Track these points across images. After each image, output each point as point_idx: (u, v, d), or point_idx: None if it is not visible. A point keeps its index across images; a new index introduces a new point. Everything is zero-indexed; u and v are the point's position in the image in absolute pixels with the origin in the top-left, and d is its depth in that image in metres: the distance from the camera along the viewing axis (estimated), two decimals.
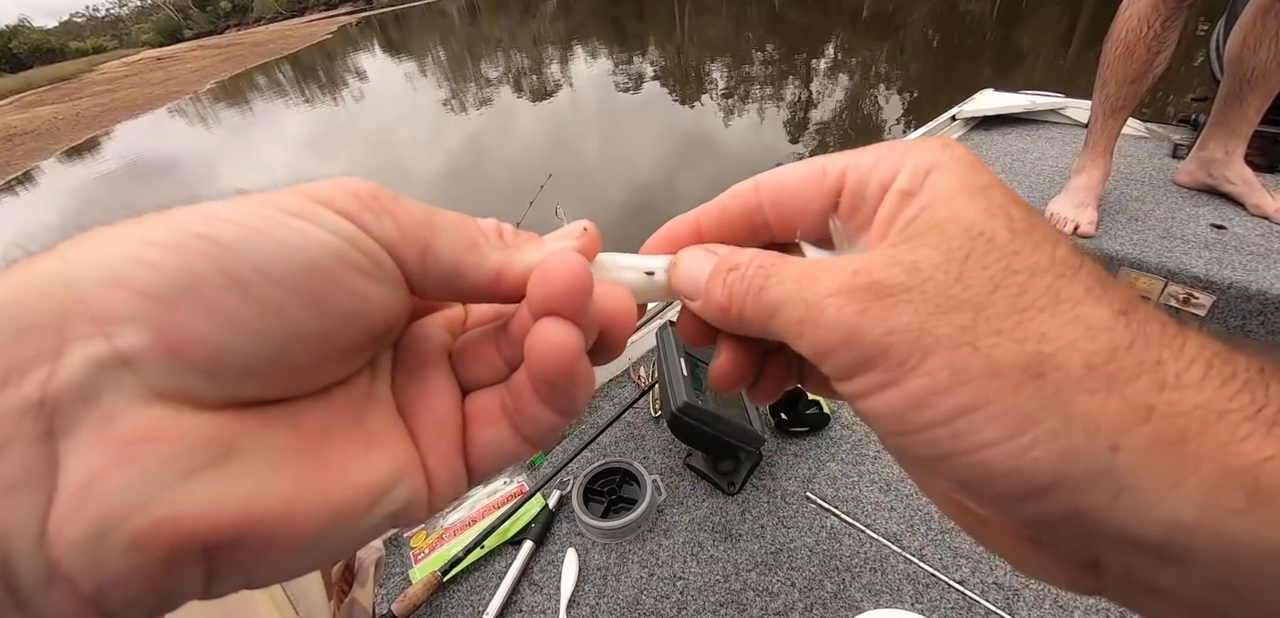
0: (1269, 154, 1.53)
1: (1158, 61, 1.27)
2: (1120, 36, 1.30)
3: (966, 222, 0.15)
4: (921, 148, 0.17)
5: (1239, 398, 0.13)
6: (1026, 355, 0.13)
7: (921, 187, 0.16)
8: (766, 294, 0.17)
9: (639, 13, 18.62)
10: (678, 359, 0.96)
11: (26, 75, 45.00)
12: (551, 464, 1.07)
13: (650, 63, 10.48)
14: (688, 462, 1.07)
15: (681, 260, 0.20)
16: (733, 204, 0.21)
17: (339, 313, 0.14)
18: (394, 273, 0.15)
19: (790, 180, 0.20)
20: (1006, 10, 10.11)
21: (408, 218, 0.15)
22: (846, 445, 1.05)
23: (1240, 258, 1.23)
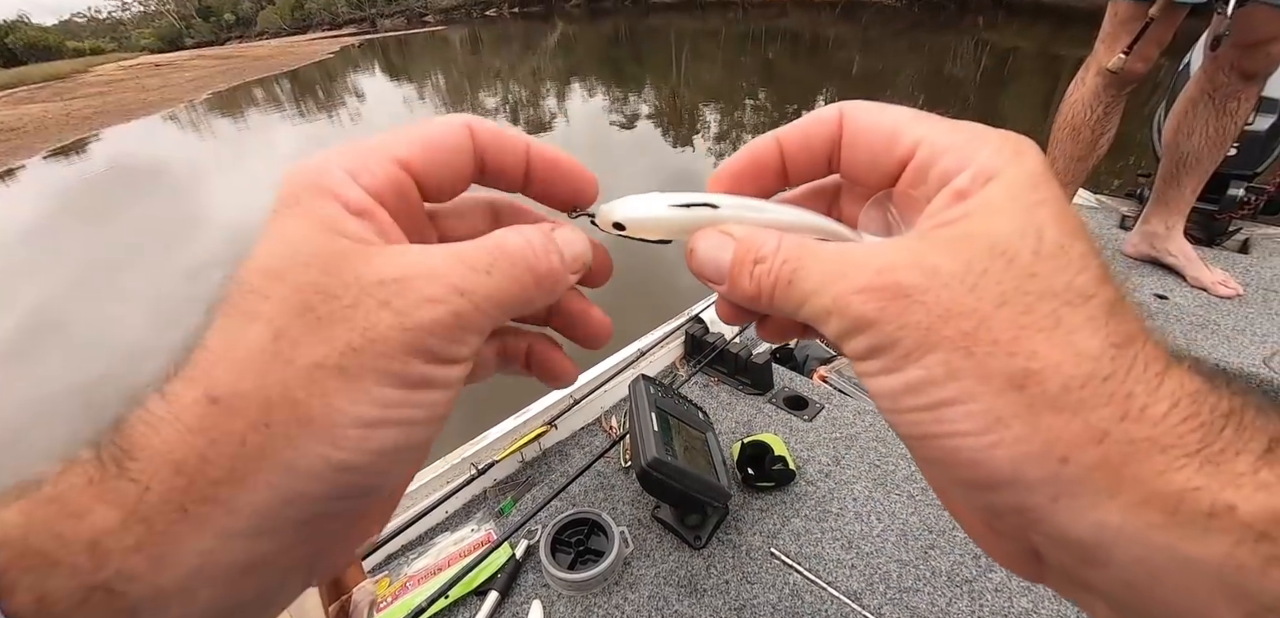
0: (1207, 229, 1.64)
1: (1101, 143, 1.38)
2: (1067, 119, 1.40)
3: (995, 237, 0.16)
4: (996, 150, 0.18)
5: (1188, 437, 0.14)
6: (1013, 368, 0.15)
7: (976, 194, 0.17)
8: (795, 287, 0.19)
9: (637, 55, 19.10)
10: (649, 413, 0.98)
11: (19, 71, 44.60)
12: (520, 513, 1.07)
13: (645, 102, 10.71)
14: (656, 514, 1.07)
15: (699, 246, 0.22)
16: (816, 134, 0.22)
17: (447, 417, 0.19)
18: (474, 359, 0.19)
19: (870, 126, 0.20)
20: (988, 77, 10.55)
21: (484, 320, 0.18)
22: (811, 502, 1.06)
23: (1181, 327, 1.30)
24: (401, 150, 0.19)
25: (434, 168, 0.20)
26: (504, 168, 0.22)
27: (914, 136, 0.19)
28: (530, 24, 41.70)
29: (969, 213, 0.17)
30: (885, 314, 0.17)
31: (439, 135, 0.20)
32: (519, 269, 0.19)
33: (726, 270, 0.21)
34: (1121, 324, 0.16)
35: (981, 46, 13.59)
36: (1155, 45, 1.25)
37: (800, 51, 16.51)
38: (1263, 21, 1.16)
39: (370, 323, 0.16)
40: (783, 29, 21.52)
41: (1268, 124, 1.55)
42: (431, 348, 0.17)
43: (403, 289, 0.17)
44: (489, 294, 0.18)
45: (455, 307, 0.17)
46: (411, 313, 0.17)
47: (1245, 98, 1.30)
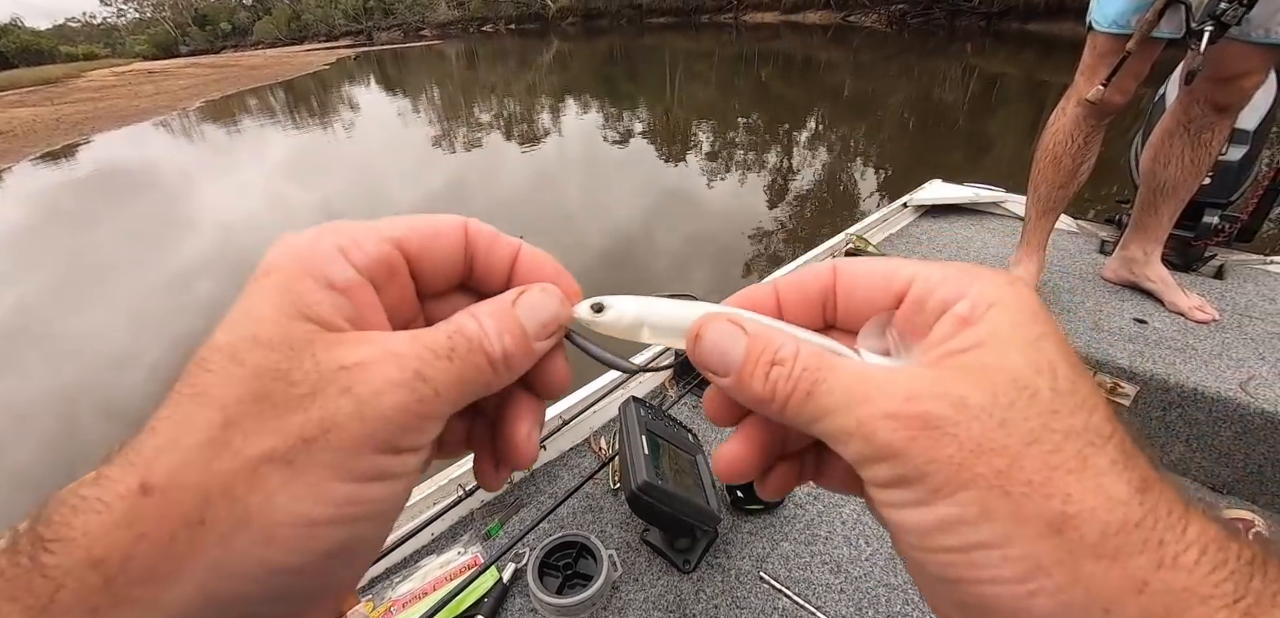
0: (1183, 255, 1.68)
1: (1082, 171, 1.41)
2: (1048, 148, 1.43)
3: (1016, 372, 0.16)
4: (988, 281, 0.18)
5: (1223, 586, 0.14)
6: (1051, 511, 0.15)
7: (981, 319, 0.18)
8: (814, 400, 0.18)
9: (632, 74, 19.29)
10: (639, 436, 0.97)
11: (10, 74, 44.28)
12: (507, 536, 1.06)
13: (639, 120, 10.81)
14: (645, 537, 1.06)
15: (707, 332, 0.20)
16: (813, 284, 0.22)
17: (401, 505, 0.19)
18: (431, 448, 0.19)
19: (863, 274, 0.21)
20: (976, 102, 10.75)
21: (443, 408, 0.18)
22: (800, 525, 1.06)
23: (1160, 351, 1.33)
24: (398, 233, 0.20)
25: (428, 255, 0.20)
26: (492, 267, 0.22)
27: (907, 274, 0.20)
28: (526, 40, 42.09)
29: (981, 341, 0.17)
30: (915, 445, 0.16)
31: (435, 225, 0.20)
32: (478, 356, 0.18)
33: (736, 364, 0.20)
34: (1140, 467, 0.16)
35: (970, 72, 13.87)
36: (1133, 78, 1.28)
37: (793, 73, 16.76)
38: (1234, 57, 1.20)
39: (328, 412, 0.16)
40: (775, 51, 21.86)
41: (1240, 154, 1.59)
42: (390, 439, 0.16)
43: (364, 374, 0.16)
44: (451, 380, 0.18)
45: (418, 392, 0.17)
46: (372, 401, 0.16)
47: (1219, 130, 1.33)
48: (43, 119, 15.92)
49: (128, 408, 3.09)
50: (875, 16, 26.34)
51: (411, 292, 0.21)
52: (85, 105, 18.64)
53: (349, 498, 0.16)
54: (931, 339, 0.18)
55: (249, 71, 29.72)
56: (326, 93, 20.20)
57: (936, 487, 0.16)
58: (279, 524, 0.15)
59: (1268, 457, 1.20)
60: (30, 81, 33.18)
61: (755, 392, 0.19)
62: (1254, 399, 1.19)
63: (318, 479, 0.15)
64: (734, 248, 4.50)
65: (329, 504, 0.15)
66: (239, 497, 0.15)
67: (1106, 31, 1.27)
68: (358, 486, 0.16)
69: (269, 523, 0.15)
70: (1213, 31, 1.10)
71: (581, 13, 49.89)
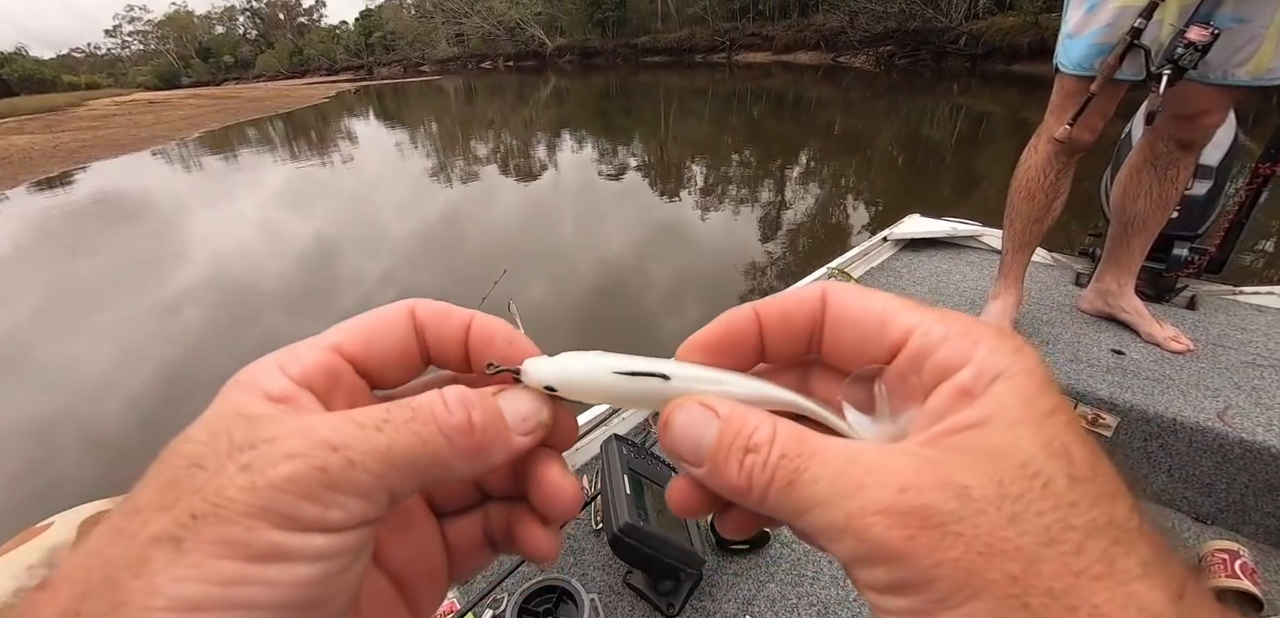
0: (1156, 286, 1.72)
1: (1055, 206, 1.46)
2: (1022, 183, 1.48)
3: (1025, 457, 0.15)
4: (993, 347, 0.16)
5: None
6: None
7: (984, 393, 0.16)
8: (797, 492, 0.16)
9: (627, 110, 19.67)
10: (621, 476, 0.96)
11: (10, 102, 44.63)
12: (485, 580, 1.03)
13: (634, 155, 10.97)
14: (628, 580, 1.04)
15: (676, 418, 0.19)
16: (798, 313, 0.20)
17: (330, 605, 0.17)
18: (366, 534, 0.17)
19: (856, 309, 0.19)
20: (963, 139, 11.00)
21: (363, 479, 0.16)
22: (786, 565, 1.04)
23: (1138, 382, 1.34)
24: (337, 338, 0.19)
25: (374, 351, 0.20)
26: (445, 343, 0.21)
27: (905, 324, 0.18)
28: (524, 76, 42.95)
29: (986, 419, 0.16)
30: (915, 546, 0.14)
31: (378, 320, 0.20)
32: (423, 426, 0.17)
33: (708, 452, 0.18)
34: (1173, 568, 0.14)
35: (957, 111, 14.23)
36: (1099, 116, 1.32)
37: (784, 111, 17.12)
38: (1193, 97, 1.24)
39: (220, 486, 0.15)
40: (767, 89, 22.38)
41: (1205, 189, 1.64)
42: (283, 510, 0.15)
43: (269, 448, 0.15)
44: (374, 449, 0.16)
45: (318, 461, 0.15)
46: (264, 470, 0.15)
47: (1184, 165, 1.38)
48: (40, 146, 15.98)
49: (106, 437, 3.03)
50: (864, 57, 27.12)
51: (364, 390, 0.20)
52: (84, 134, 18.76)
53: (236, 576, 0.14)
54: (928, 410, 0.17)
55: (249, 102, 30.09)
56: (326, 124, 20.43)
57: (942, 596, 0.14)
58: (153, 609, 0.14)
59: (1249, 486, 1.20)
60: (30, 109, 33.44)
61: (730, 483, 0.18)
62: (1233, 429, 1.20)
63: (203, 558, 0.14)
64: (726, 281, 4.52)
65: (212, 584, 0.14)
66: (119, 581, 0.14)
67: (1072, 73, 1.32)
68: (247, 564, 0.15)
69: (145, 608, 0.14)
70: (1171, 75, 1.14)
71: (578, 50, 51.12)
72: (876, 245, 2.33)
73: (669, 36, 42.99)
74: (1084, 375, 1.38)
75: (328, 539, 0.16)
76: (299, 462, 0.15)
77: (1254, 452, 1.17)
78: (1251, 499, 1.21)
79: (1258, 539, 1.23)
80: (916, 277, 2.06)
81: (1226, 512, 1.24)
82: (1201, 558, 1.17)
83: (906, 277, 2.07)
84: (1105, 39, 1.23)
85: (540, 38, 56.64)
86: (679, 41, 41.61)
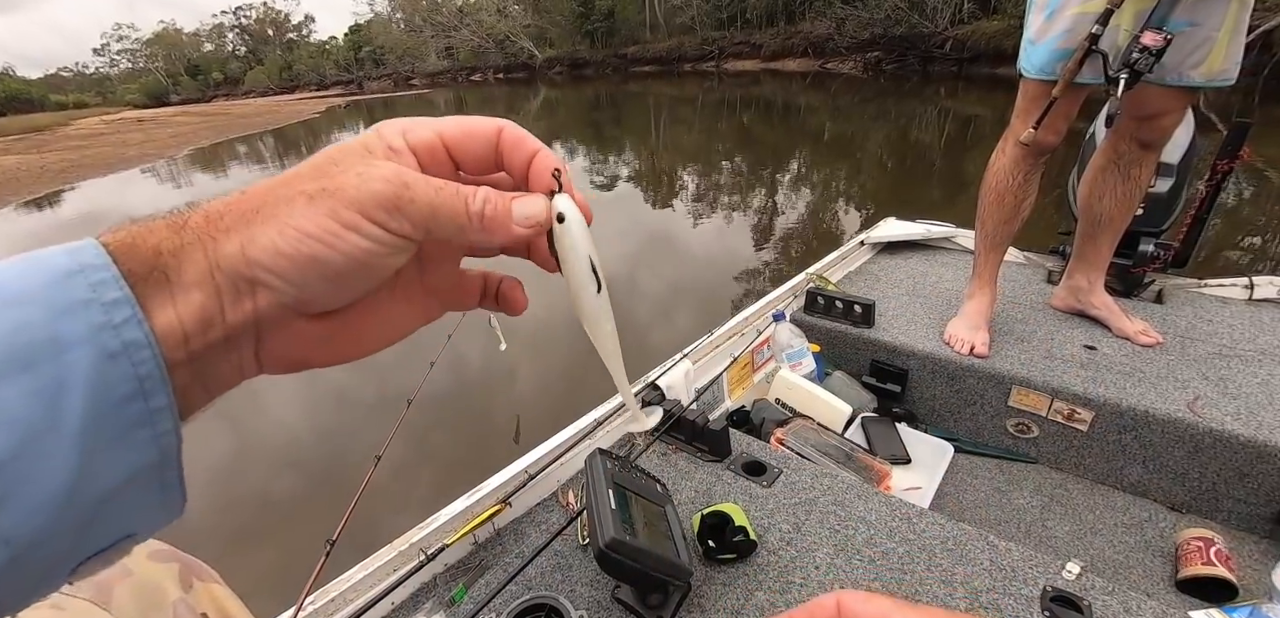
0: (1124, 281, 1.77)
1: (1024, 207, 1.51)
2: (991, 187, 1.52)
3: None
4: None
5: None
6: None
7: None
8: None
9: (616, 119, 19.75)
10: (606, 490, 0.95)
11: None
12: (473, 601, 1.02)
13: (624, 164, 11.01)
14: (616, 594, 1.03)
15: None
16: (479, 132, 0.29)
17: (378, 273, 0.26)
18: (409, 247, 0.26)
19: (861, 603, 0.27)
20: (951, 143, 11.12)
21: (417, 214, 0.25)
22: (773, 573, 1.04)
23: (1111, 376, 1.37)
24: (443, 127, 0.28)
25: (463, 146, 0.28)
26: (515, 162, 0.29)
27: None
28: (515, 88, 43.06)
29: None
30: None
31: (474, 126, 0.28)
32: (458, 200, 0.26)
33: None
34: None
35: (944, 115, 14.38)
36: (1063, 119, 1.36)
37: (774, 118, 17.25)
38: (1151, 99, 1.29)
39: (342, 179, 0.24)
40: (756, 96, 22.55)
41: (1168, 186, 1.70)
42: (367, 206, 0.24)
43: (373, 170, 0.24)
44: (428, 200, 0.25)
45: (398, 190, 0.24)
46: (367, 183, 0.24)
47: (1146, 164, 1.42)
48: (27, 167, 15.85)
49: None
50: (852, 63, 27.39)
51: (450, 170, 0.28)
52: (71, 153, 18.62)
53: (329, 231, 0.23)
54: None
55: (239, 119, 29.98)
56: (316, 140, 20.38)
57: None
58: (287, 226, 0.23)
59: (1219, 474, 1.23)
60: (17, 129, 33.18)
61: None
62: (1202, 419, 1.23)
63: (319, 212, 0.23)
64: (717, 288, 4.53)
65: (317, 227, 0.23)
66: (277, 206, 0.24)
67: (1035, 78, 1.36)
68: (338, 227, 0.24)
69: (283, 223, 0.23)
70: (1128, 78, 1.18)
71: (568, 61, 51.32)
72: (854, 249, 2.35)
73: (658, 46, 43.26)
74: (1059, 371, 1.40)
75: (383, 235, 0.24)
76: (386, 185, 0.24)
77: (1223, 440, 1.20)
78: (1223, 487, 1.24)
79: (1230, 525, 1.26)
80: (894, 278, 2.08)
81: (1200, 500, 1.27)
82: (1177, 547, 1.19)
83: (884, 279, 2.09)
84: (1065, 44, 1.27)
85: (529, 50, 56.83)
86: (668, 51, 41.88)
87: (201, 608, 0.49)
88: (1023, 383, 1.42)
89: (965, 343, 1.52)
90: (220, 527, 2.42)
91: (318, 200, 0.23)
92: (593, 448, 1.09)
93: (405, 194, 0.24)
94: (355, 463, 2.73)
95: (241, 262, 0.23)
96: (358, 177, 0.24)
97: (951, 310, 1.66)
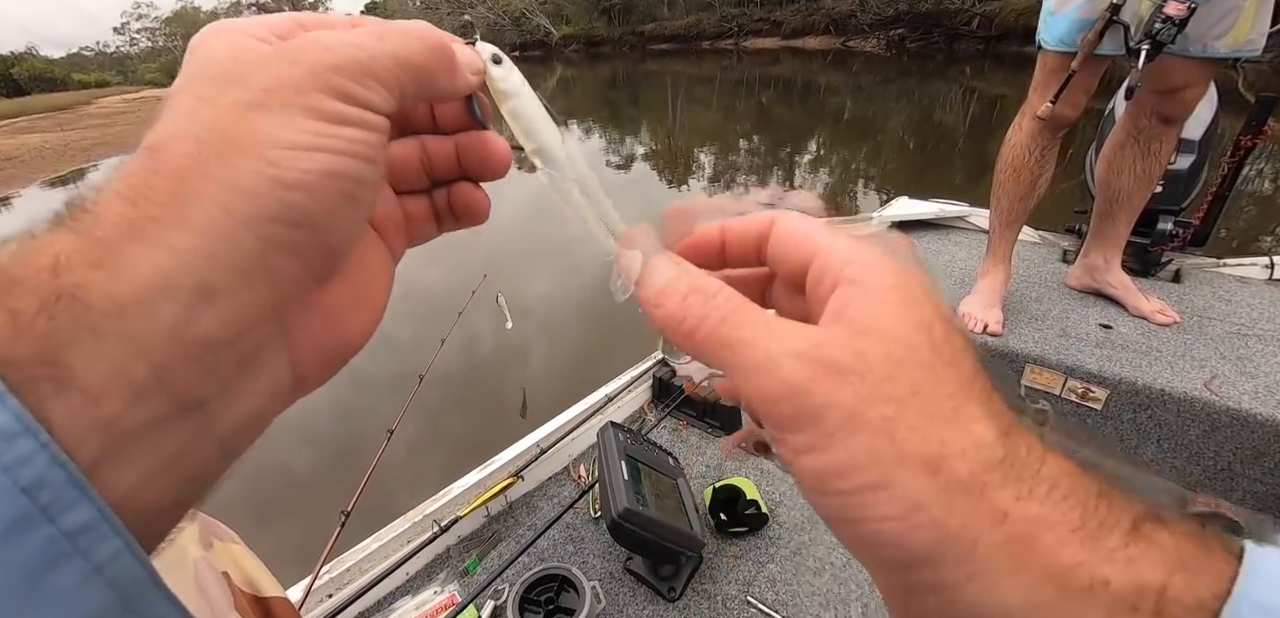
0: (1141, 260, 1.74)
1: (1040, 183, 1.47)
2: (1007, 161, 1.49)
3: (903, 333, 0.18)
4: (877, 252, 0.20)
5: (1070, 514, 0.16)
6: (929, 452, 0.17)
7: (869, 290, 0.19)
8: (727, 328, 0.20)
9: (634, 98, 19.56)
10: (619, 462, 0.95)
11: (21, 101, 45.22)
12: (486, 572, 1.03)
13: (641, 144, 10.92)
14: (628, 566, 1.04)
15: (657, 267, 0.23)
16: (753, 230, 0.24)
17: (380, 175, 0.20)
18: (386, 127, 0.20)
19: (790, 231, 0.23)
20: (976, 124, 10.84)
21: (385, 69, 0.19)
22: (785, 546, 1.04)
23: (1126, 355, 1.36)
24: (300, 16, 0.22)
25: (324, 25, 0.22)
26: None
27: (817, 245, 0.21)
28: (531, 66, 42.84)
29: (873, 306, 0.19)
30: (816, 386, 0.18)
31: (331, 16, 0.23)
32: (411, 36, 0.21)
33: (659, 284, 0.22)
34: (1002, 413, 0.18)
35: (969, 95, 14.01)
36: (1082, 92, 1.34)
37: (793, 97, 16.96)
38: (1174, 71, 1.25)
39: (279, 73, 0.18)
40: (775, 76, 22.17)
41: (1188, 163, 1.65)
42: (338, 86, 0.18)
43: (304, 46, 0.19)
44: (388, 50, 0.20)
45: (352, 53, 0.19)
46: (313, 57, 0.18)
47: (1166, 140, 1.39)
48: (52, 145, 16.20)
49: None
50: (874, 41, 26.74)
51: None
52: (93, 131, 18.98)
53: (321, 131, 0.18)
54: (831, 306, 0.20)
55: None
56: None
57: (830, 432, 0.17)
58: (269, 146, 0.17)
59: (1235, 453, 1.23)
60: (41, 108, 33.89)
61: (669, 310, 0.21)
62: (1218, 398, 1.22)
63: (288, 117, 0.17)
64: None
65: (307, 132, 0.17)
66: (229, 132, 0.17)
67: (1054, 49, 1.33)
68: (326, 123, 0.18)
69: (260, 146, 0.17)
70: (1150, 49, 1.16)
71: (584, 39, 50.82)
72: (863, 226, 2.33)
73: (675, 24, 42.63)
74: (1073, 350, 1.39)
75: (370, 115, 0.19)
76: (339, 52, 0.18)
77: (1240, 420, 1.20)
78: (1239, 467, 1.24)
79: (1246, 505, 1.25)
80: None
81: (1215, 479, 1.27)
82: None
83: None
84: (1086, 14, 1.25)
85: (546, 27, 56.37)
86: (686, 29, 41.27)
87: (222, 567, 0.48)
88: (1036, 361, 1.40)
89: (979, 321, 1.51)
90: (249, 499, 2.48)
91: (273, 108, 0.17)
92: (604, 422, 1.09)
93: (361, 54, 0.19)
94: (369, 439, 2.78)
95: (239, 224, 0.16)
96: (290, 62, 0.18)
97: (965, 289, 1.64)
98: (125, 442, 0.15)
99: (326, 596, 1.01)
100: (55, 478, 0.13)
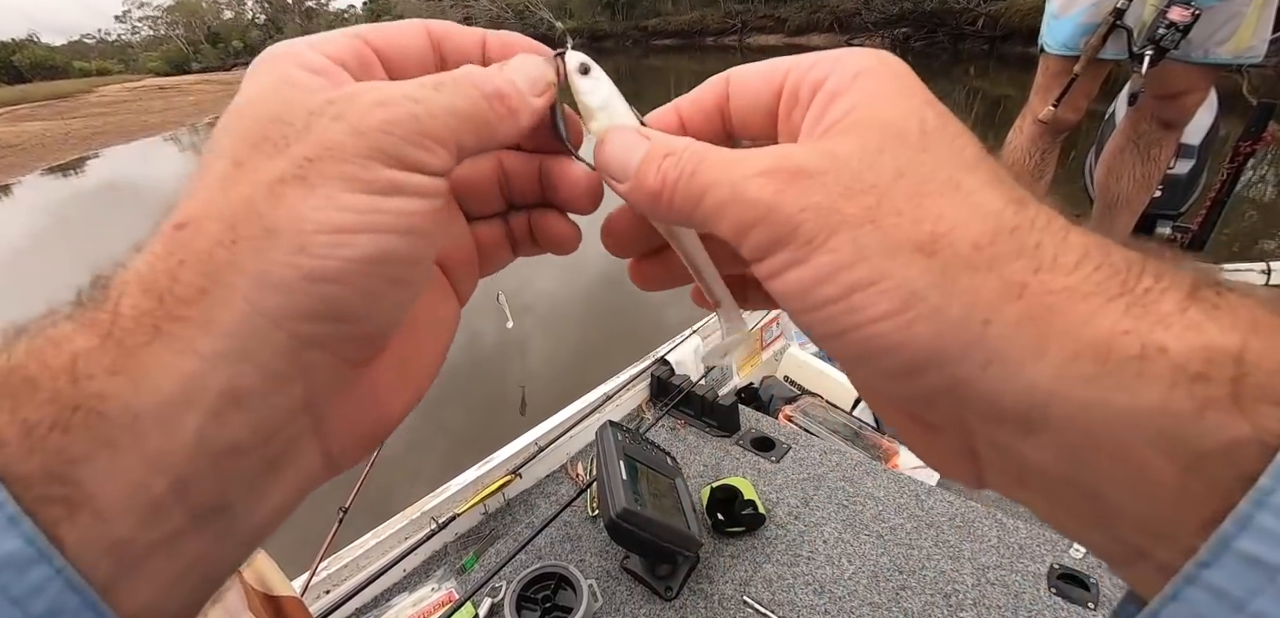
0: None
1: (1040, 187, 1.47)
2: (1008, 164, 1.50)
3: (884, 120, 0.16)
4: (860, 55, 0.18)
5: (1108, 283, 0.13)
6: (921, 234, 0.15)
7: (849, 88, 0.17)
8: (697, 178, 0.18)
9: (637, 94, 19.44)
10: (617, 461, 0.96)
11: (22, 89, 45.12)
12: (483, 569, 1.04)
13: None
14: (625, 565, 1.04)
15: (612, 140, 0.21)
16: (707, 95, 0.22)
17: (435, 240, 0.19)
18: (443, 186, 0.18)
19: (752, 77, 0.21)
20: (980, 123, 10.80)
21: (440, 128, 0.17)
22: (781, 546, 1.04)
23: None
24: (361, 30, 0.20)
25: (394, 47, 0.20)
26: (463, 52, 0.22)
27: (784, 68, 0.20)
28: None
29: (853, 105, 0.17)
30: (783, 197, 0.16)
31: (395, 26, 0.21)
32: (465, 86, 0.18)
33: (635, 165, 0.20)
34: (1014, 185, 0.16)
35: (973, 94, 13.97)
36: (1084, 96, 1.34)
37: None
38: (1175, 77, 1.26)
39: (323, 135, 0.16)
40: None
41: (1187, 168, 1.67)
42: (391, 150, 0.16)
43: (352, 101, 0.16)
44: (444, 104, 0.17)
45: (409, 110, 0.17)
46: (363, 117, 0.16)
47: (1166, 145, 1.40)
48: (52, 133, 16.17)
49: None
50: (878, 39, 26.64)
51: (384, 78, 0.21)
52: (95, 120, 18.94)
53: (368, 207, 0.16)
54: (809, 118, 0.18)
55: None
56: None
57: (809, 237, 0.16)
58: (306, 232, 0.15)
59: None
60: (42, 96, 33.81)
61: (648, 185, 0.19)
62: None
63: (331, 191, 0.15)
64: None
65: (349, 211, 0.15)
66: (262, 213, 0.15)
67: (1057, 53, 1.34)
68: (373, 196, 0.16)
69: (296, 232, 0.15)
70: (1153, 54, 1.17)
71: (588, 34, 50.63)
72: None
73: (679, 19, 42.45)
74: None
75: (428, 180, 0.17)
76: (392, 109, 0.16)
77: None
78: None
79: None
80: None
81: None
82: None
83: None
84: (1090, 18, 1.25)
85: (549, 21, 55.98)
86: (689, 24, 41.07)
87: None
88: None
89: None
90: None
91: (314, 179, 0.15)
92: (602, 421, 1.09)
93: (417, 109, 0.17)
94: None
95: (270, 322, 0.15)
96: (344, 122, 0.16)
97: None
98: (141, 559, 0.14)
99: (324, 592, 1.01)
100: (70, 604, 0.12)
